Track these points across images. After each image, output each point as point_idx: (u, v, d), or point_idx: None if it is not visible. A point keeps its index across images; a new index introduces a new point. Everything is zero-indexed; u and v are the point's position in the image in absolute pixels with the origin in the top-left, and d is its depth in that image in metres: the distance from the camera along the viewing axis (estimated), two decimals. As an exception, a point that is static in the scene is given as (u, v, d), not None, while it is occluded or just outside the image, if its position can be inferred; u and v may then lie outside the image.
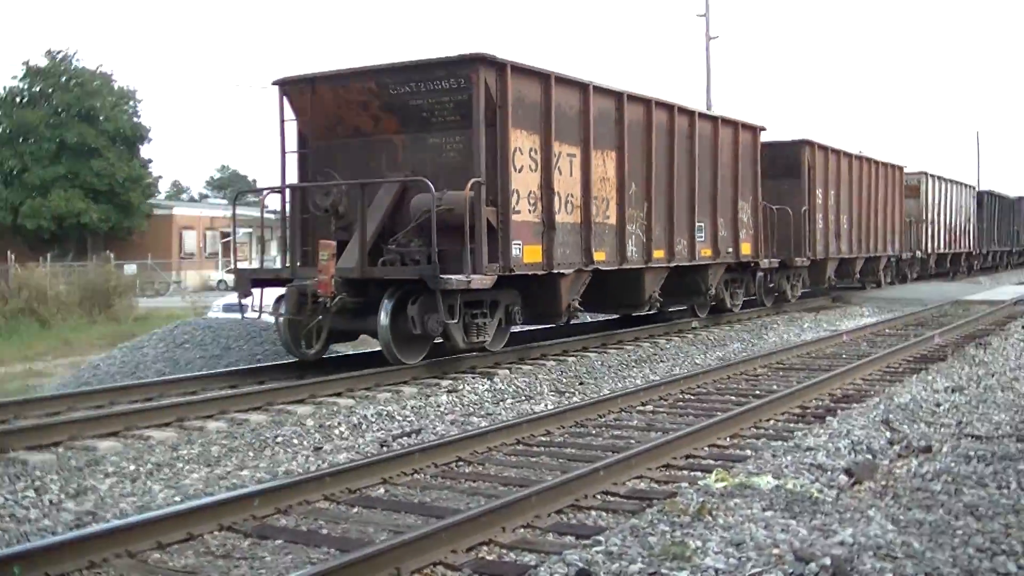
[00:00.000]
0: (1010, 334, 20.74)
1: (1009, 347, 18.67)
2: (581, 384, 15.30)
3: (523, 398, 13.91)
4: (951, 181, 46.98)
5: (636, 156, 19.49)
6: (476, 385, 14.48)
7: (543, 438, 11.04)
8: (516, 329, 17.77)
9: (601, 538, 6.95)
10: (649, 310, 21.85)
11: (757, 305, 26.99)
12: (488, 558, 6.94)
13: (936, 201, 43.64)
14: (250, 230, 67.13)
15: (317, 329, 15.05)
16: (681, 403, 13.51)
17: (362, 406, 12.85)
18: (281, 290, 15.78)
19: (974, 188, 53.32)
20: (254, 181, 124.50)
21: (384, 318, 14.73)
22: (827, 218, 30.33)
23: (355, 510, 8.22)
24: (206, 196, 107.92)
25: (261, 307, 16.54)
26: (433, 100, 15.90)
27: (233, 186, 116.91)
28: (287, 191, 17.39)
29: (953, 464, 9.18)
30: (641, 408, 12.96)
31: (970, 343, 19.23)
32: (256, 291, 16.64)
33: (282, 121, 17.36)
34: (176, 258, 61.62)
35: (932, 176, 43.25)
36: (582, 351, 18.52)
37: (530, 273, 16.52)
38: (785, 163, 27.91)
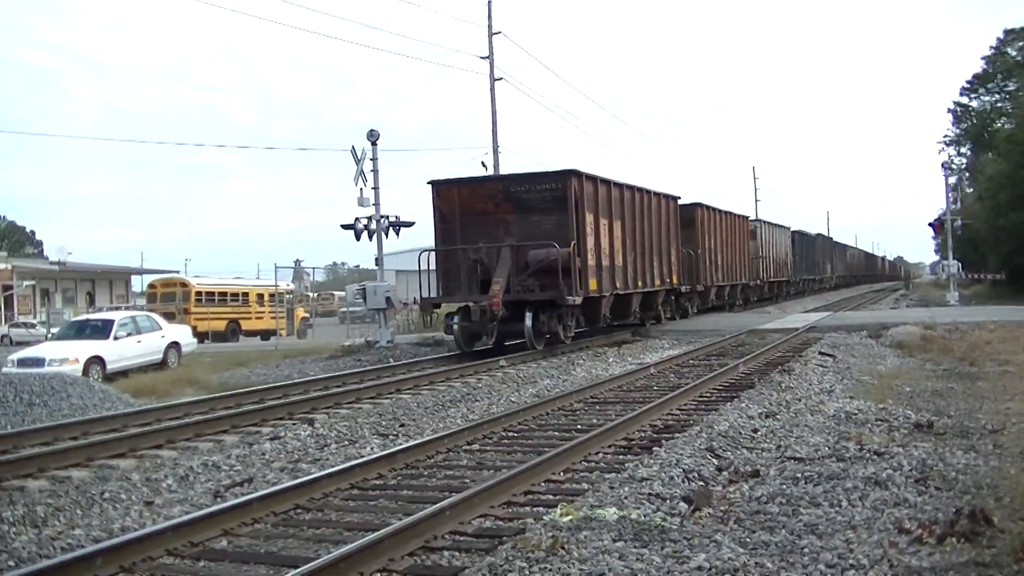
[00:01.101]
0: (808, 360, 21.47)
1: (810, 372, 19.39)
2: (402, 426, 15.20)
3: (346, 442, 13.75)
4: (775, 225, 60.96)
5: (629, 223, 30.74)
6: (298, 431, 14.26)
7: (376, 481, 10.92)
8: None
9: (462, 577, 6.94)
10: (632, 321, 33.38)
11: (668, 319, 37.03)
12: (352, 605, 6.83)
13: (767, 241, 56.41)
14: (33, 282, 64.76)
15: (491, 330, 25.25)
16: (507, 441, 13.53)
17: (186, 457, 12.55)
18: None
19: (789, 229, 66.30)
20: (33, 232, 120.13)
21: (528, 322, 25.25)
22: (711, 257, 42.80)
23: (201, 564, 7.97)
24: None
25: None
26: (538, 195, 26.54)
27: (10, 237, 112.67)
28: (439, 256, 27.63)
29: (784, 486, 9.48)
30: (468, 447, 12.95)
31: (774, 370, 19.83)
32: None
33: (435, 208, 27.37)
34: (-48, 312, 58.92)
35: (764, 222, 58.05)
36: (396, 393, 18.52)
37: (591, 296, 27.11)
38: (685, 219, 38.72)
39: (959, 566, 6.83)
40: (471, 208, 26.96)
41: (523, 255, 25.89)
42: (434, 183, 27.61)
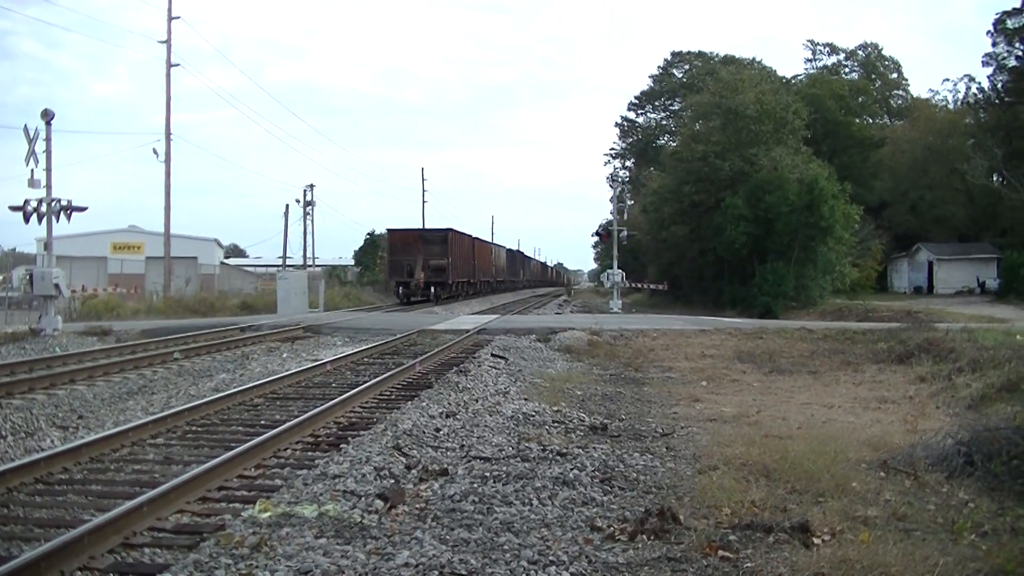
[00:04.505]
0: (482, 361, 22.00)
1: (484, 373, 19.90)
2: (81, 418, 14.75)
3: (23, 434, 13.21)
4: (499, 245, 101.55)
5: (461, 249, 66.83)
6: (-34, 423, 13.60)
7: (62, 476, 10.54)
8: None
9: (169, 575, 6.87)
10: (461, 293, 67.74)
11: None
12: (53, 605, 6.64)
13: (496, 255, 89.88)
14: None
15: (418, 293, 58.61)
16: (192, 435, 13.30)
17: None
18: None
19: (504, 247, 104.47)
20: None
21: (432, 291, 59.23)
22: (478, 265, 74.73)
23: None
24: None
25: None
26: (432, 238, 61.76)
27: None
28: (388, 261, 63.80)
29: (474, 485, 9.81)
30: (153, 441, 12.67)
31: (449, 370, 20.26)
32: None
33: (388, 239, 64.29)
34: None
35: (494, 244, 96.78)
36: (70, 383, 17.93)
37: (453, 281, 62.77)
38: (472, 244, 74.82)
39: (653, 561, 7.31)
40: (403, 241, 60.98)
41: (427, 263, 58.56)
42: (389, 230, 64.38)
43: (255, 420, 14.53)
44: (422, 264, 58.56)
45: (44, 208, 29.03)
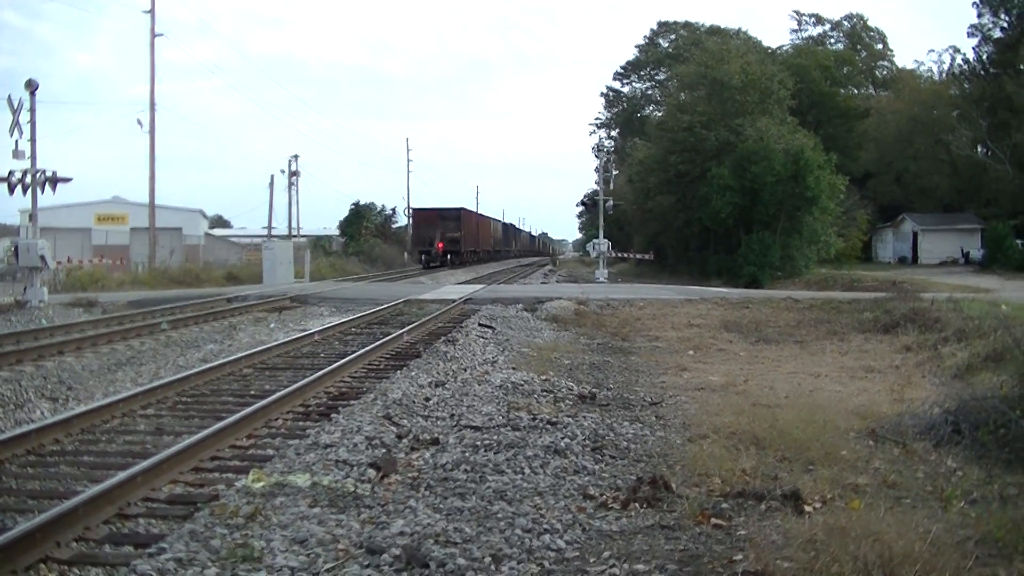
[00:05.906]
0: (469, 331, 21.98)
1: (472, 342, 19.90)
2: (70, 389, 14.74)
3: (12, 406, 13.19)
4: (496, 219, 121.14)
5: (470, 224, 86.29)
6: (-46, 394, 13.58)
7: (54, 447, 10.54)
8: None
9: (165, 545, 6.90)
10: (470, 259, 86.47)
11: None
12: (52, 577, 6.67)
13: (494, 228, 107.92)
14: None
15: (437, 260, 75.28)
16: (182, 405, 13.31)
17: None
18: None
19: (501, 221, 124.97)
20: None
21: (448, 258, 77.05)
22: (483, 236, 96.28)
23: None
24: None
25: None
26: (449, 216, 79.20)
27: None
28: (413, 234, 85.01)
29: (466, 454, 9.84)
30: (144, 412, 12.67)
31: (437, 340, 20.28)
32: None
33: (413, 216, 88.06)
34: None
35: (492, 218, 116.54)
36: (58, 355, 17.87)
37: (465, 250, 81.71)
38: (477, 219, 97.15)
39: (646, 529, 7.36)
40: (424, 218, 79.62)
41: (444, 235, 75.14)
42: (414, 209, 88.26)
43: (245, 390, 14.57)
44: (440, 236, 75.40)
45: (28, 179, 28.89)
